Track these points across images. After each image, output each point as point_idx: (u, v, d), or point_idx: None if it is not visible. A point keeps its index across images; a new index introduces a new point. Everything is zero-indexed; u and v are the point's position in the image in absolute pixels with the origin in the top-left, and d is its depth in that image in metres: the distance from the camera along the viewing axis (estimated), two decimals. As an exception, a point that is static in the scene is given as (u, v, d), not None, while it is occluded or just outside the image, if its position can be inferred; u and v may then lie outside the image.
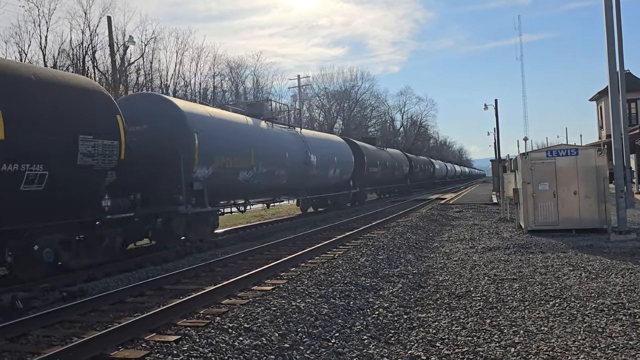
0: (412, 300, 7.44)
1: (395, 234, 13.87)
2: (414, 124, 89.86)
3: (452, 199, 31.92)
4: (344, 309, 6.84)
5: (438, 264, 10.22)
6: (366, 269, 9.30)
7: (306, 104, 64.82)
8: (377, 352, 5.39)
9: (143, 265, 10.90)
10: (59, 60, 37.70)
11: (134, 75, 42.90)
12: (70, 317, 6.69)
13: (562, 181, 13.59)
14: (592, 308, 6.61)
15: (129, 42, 33.26)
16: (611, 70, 12.84)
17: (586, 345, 5.30)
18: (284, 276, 8.79)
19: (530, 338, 5.59)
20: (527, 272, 9.02)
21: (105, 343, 5.13)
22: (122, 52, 39.46)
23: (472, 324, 6.17)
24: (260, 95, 60.21)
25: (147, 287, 8.33)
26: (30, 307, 7.44)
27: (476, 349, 5.29)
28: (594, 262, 9.55)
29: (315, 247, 11.41)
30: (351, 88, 72.52)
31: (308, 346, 5.45)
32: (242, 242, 14.45)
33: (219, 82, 55.52)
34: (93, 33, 39.31)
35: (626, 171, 12.77)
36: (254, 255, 11.55)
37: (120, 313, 6.98)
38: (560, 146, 14.42)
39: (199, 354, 4.86)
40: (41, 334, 6.04)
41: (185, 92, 47.50)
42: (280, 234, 16.09)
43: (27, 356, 5.24)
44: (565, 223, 13.59)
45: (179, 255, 12.11)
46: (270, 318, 6.04)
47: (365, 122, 74.35)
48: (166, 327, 5.85)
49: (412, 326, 6.22)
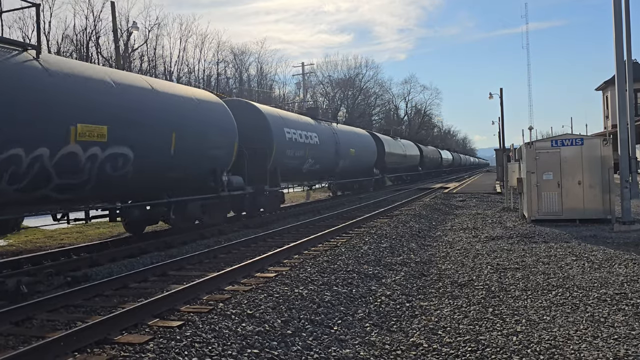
0: (414, 288, 7.46)
1: (398, 223, 13.87)
2: (418, 112, 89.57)
3: (455, 188, 31.88)
4: (346, 297, 6.86)
5: (441, 252, 10.23)
6: (369, 257, 9.31)
7: (310, 92, 64.59)
8: (379, 339, 5.41)
9: (147, 251, 10.95)
10: (62, 46, 37.64)
11: (138, 61, 42.88)
12: (75, 302, 6.73)
13: (567, 171, 13.53)
14: (595, 298, 6.61)
15: (133, 28, 33.15)
16: (618, 59, 12.72)
17: (588, 335, 5.30)
18: (287, 263, 8.82)
19: (533, 327, 5.60)
20: (530, 261, 9.02)
21: (109, 327, 5.16)
22: (125, 38, 39.38)
23: (474, 312, 6.18)
24: (264, 82, 60.08)
25: (151, 272, 8.36)
26: (35, 291, 7.49)
27: (478, 338, 5.31)
28: (597, 252, 9.54)
29: (319, 235, 11.43)
30: (355, 76, 72.24)
31: (310, 333, 5.47)
32: (246, 229, 14.49)
33: (222, 69, 55.40)
34: (97, 19, 39.24)
35: (631, 161, 12.70)
36: (257, 242, 11.58)
37: (124, 298, 7.01)
38: (565, 136, 14.34)
39: (202, 340, 4.89)
40: (46, 318, 6.08)
41: (189, 79, 47.40)
42: (283, 221, 16.14)
43: (32, 340, 5.28)
44: (569, 213, 13.56)
45: (183, 241, 12.18)
46: (273, 305, 6.07)
47: (369, 110, 74.11)
48: (169, 313, 5.88)
49: (414, 314, 6.24)
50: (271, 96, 56.60)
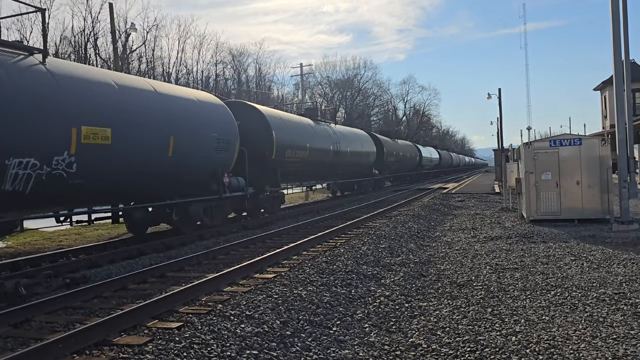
0: (413, 289, 7.46)
1: (397, 223, 13.88)
2: (416, 113, 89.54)
3: (454, 188, 31.90)
4: (345, 297, 6.86)
5: (440, 253, 10.23)
6: (368, 257, 9.31)
7: (308, 93, 64.60)
8: (378, 340, 5.41)
9: (146, 253, 10.94)
10: (60, 47, 37.59)
11: (136, 62, 42.78)
12: (73, 304, 6.72)
13: (565, 171, 13.55)
14: (594, 298, 6.62)
15: (131, 29, 33.11)
16: (616, 59, 12.74)
17: (587, 335, 5.31)
18: (286, 264, 8.82)
19: (531, 327, 5.60)
20: (528, 261, 9.03)
21: (108, 329, 5.16)
22: (124, 39, 39.32)
23: (473, 312, 6.19)
24: (262, 83, 60.04)
25: (150, 274, 8.36)
26: (34, 293, 7.47)
27: (477, 338, 5.31)
28: (595, 252, 9.54)
29: (318, 235, 11.43)
30: (354, 76, 72.21)
31: (309, 334, 5.47)
32: (245, 230, 14.49)
33: (221, 70, 55.37)
34: (95, 20, 39.14)
35: (630, 161, 12.73)
36: (256, 243, 11.58)
37: (123, 300, 7.01)
38: (563, 136, 14.36)
39: (200, 341, 4.89)
40: (44, 320, 6.08)
41: (187, 80, 47.37)
42: (282, 222, 16.14)
43: (31, 342, 5.27)
44: (568, 213, 13.57)
45: (182, 243, 12.17)
46: (272, 306, 6.07)
47: (367, 111, 74.09)
48: (168, 314, 5.88)
49: (414, 315, 6.24)
50: (270, 97, 56.55)
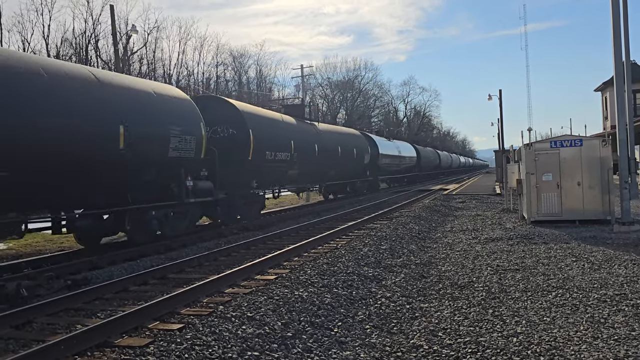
0: (414, 290, 7.46)
1: (398, 225, 13.88)
2: (417, 114, 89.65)
3: (455, 189, 31.89)
4: (346, 299, 6.86)
5: (441, 254, 10.23)
6: (369, 259, 9.31)
7: (309, 94, 64.65)
8: (379, 341, 5.41)
9: (147, 254, 10.95)
10: (61, 49, 37.67)
11: (137, 64, 42.88)
12: (75, 305, 6.73)
13: (566, 172, 13.54)
14: (595, 299, 6.61)
15: (132, 31, 33.17)
16: (617, 60, 12.74)
17: (588, 336, 5.31)
18: (287, 266, 8.82)
19: (533, 328, 5.60)
20: (529, 262, 9.03)
21: (110, 331, 5.16)
22: (125, 41, 39.42)
23: (474, 314, 6.19)
24: (263, 85, 60.11)
25: (151, 275, 8.36)
26: (35, 295, 7.49)
27: (478, 339, 5.31)
28: (597, 253, 9.54)
29: (318, 237, 11.43)
30: (354, 78, 72.32)
31: (311, 335, 5.47)
32: (245, 232, 14.49)
33: (222, 72, 55.45)
34: (96, 22, 39.25)
35: (631, 162, 12.72)
36: (257, 244, 11.58)
37: (124, 301, 7.01)
38: (564, 137, 14.35)
39: (202, 342, 4.89)
40: (46, 322, 6.08)
41: (188, 82, 47.42)
42: (283, 224, 16.15)
43: (32, 344, 5.27)
44: (569, 214, 13.56)
45: (183, 244, 12.17)
46: (273, 307, 6.07)
47: (368, 112, 74.18)
48: (170, 316, 5.88)
49: (415, 316, 6.24)
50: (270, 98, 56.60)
